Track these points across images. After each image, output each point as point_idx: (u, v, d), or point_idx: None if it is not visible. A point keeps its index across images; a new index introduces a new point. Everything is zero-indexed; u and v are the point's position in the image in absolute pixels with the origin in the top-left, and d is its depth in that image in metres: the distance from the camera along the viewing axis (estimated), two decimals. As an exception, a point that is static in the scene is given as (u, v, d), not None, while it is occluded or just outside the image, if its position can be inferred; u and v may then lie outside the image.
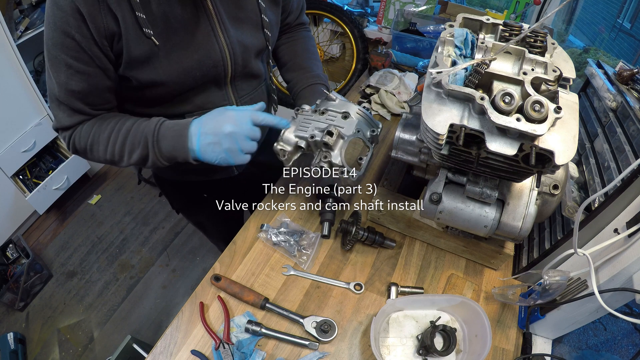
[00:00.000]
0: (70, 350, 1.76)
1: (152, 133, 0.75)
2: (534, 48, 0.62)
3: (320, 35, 2.16)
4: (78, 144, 0.78)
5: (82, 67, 0.69)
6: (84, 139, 0.77)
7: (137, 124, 0.76)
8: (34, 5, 1.90)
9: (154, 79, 0.75)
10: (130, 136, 0.76)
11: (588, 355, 0.84)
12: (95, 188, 2.50)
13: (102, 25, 0.65)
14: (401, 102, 1.35)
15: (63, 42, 0.66)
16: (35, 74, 2.07)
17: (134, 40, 0.69)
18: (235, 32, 0.80)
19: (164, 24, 0.71)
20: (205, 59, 0.78)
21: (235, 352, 0.73)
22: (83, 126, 0.77)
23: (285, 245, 0.90)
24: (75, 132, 0.78)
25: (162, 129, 0.75)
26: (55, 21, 0.64)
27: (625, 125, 0.80)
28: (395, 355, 0.76)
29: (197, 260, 2.12)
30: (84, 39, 0.66)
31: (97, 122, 0.78)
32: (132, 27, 0.67)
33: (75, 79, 0.70)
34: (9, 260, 1.96)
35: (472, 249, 0.90)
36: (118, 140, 0.76)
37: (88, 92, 0.73)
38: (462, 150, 0.59)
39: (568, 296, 0.70)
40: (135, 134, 0.76)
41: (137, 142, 0.75)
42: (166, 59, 0.73)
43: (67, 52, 0.67)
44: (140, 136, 0.75)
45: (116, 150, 0.76)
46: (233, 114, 0.74)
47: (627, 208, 0.64)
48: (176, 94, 0.81)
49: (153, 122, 0.76)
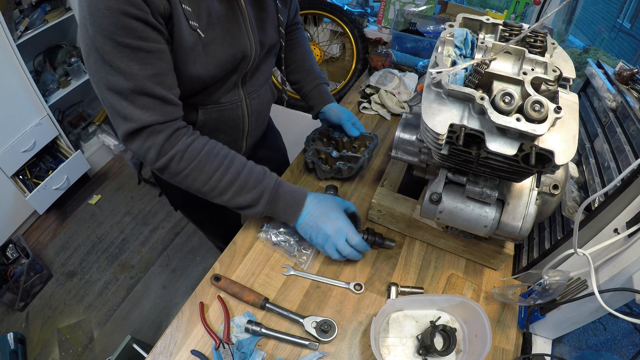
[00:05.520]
0: (70, 350, 1.76)
1: (271, 189, 0.79)
2: (534, 48, 0.62)
3: (320, 35, 2.15)
4: (178, 164, 0.73)
5: (153, 45, 0.65)
6: (188, 161, 0.74)
7: (250, 169, 0.79)
8: (34, 5, 1.90)
9: (192, 72, 0.74)
10: (242, 179, 0.77)
11: (588, 355, 0.84)
12: (95, 188, 2.50)
13: (160, 4, 0.63)
14: (401, 102, 1.35)
15: (125, 25, 0.60)
16: (35, 74, 2.07)
17: (184, 29, 0.68)
18: (258, 32, 0.83)
19: (207, 18, 0.71)
20: (237, 54, 0.79)
21: (235, 352, 0.73)
22: (188, 147, 0.74)
23: (285, 245, 0.90)
24: (179, 152, 0.73)
25: (280, 191, 0.81)
26: (110, 5, 0.58)
27: (625, 125, 0.80)
28: (395, 355, 0.76)
29: (197, 260, 2.12)
30: (146, 15, 0.61)
31: (206, 148, 0.75)
32: (182, 16, 0.67)
33: (150, 60, 0.65)
34: (9, 260, 1.96)
35: (472, 249, 0.90)
36: (226, 176, 0.76)
37: (166, 71, 0.69)
38: (462, 150, 0.59)
39: (568, 296, 0.70)
40: (248, 179, 0.77)
41: (250, 188, 0.78)
42: (205, 52, 0.74)
43: (134, 34, 0.61)
44: (253, 184, 0.78)
45: (221, 185, 0.76)
46: (337, 220, 0.82)
47: (627, 208, 0.64)
48: (203, 89, 0.82)
49: (272, 178, 0.81)
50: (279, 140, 1.37)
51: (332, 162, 1.05)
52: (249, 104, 0.93)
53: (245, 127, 0.96)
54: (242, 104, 0.91)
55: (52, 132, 2.10)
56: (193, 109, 0.85)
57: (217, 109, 0.87)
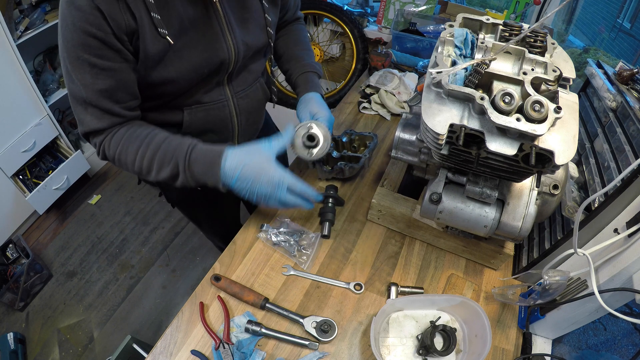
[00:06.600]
0: (70, 350, 1.76)
1: (184, 157, 0.76)
2: (534, 48, 0.62)
3: (320, 35, 2.16)
4: (107, 152, 0.78)
5: (107, 63, 0.68)
6: (113, 147, 0.77)
7: (168, 142, 0.77)
8: (34, 5, 1.90)
9: (165, 77, 0.76)
10: (160, 152, 0.76)
11: (588, 355, 0.84)
12: (95, 188, 2.50)
13: (123, 22, 0.65)
14: (401, 102, 1.35)
15: (84, 42, 0.65)
16: (35, 74, 2.07)
17: (150, 39, 0.69)
18: (240, 32, 0.83)
19: (179, 24, 0.72)
20: (213, 57, 0.80)
21: (235, 352, 0.73)
22: (114, 135, 0.77)
23: (285, 245, 0.90)
24: (106, 140, 0.77)
25: (193, 154, 0.76)
26: (74, 22, 0.63)
27: (625, 125, 0.80)
28: (395, 355, 0.76)
29: (197, 260, 2.12)
30: (106, 35, 0.65)
31: (128, 132, 0.77)
32: (149, 27, 0.68)
33: (102, 77, 0.69)
34: (9, 260, 1.96)
35: (472, 249, 0.90)
36: (147, 154, 0.76)
37: (116, 88, 0.72)
38: (462, 150, 0.59)
39: (568, 296, 0.70)
40: (165, 151, 0.76)
41: (168, 160, 0.76)
42: (177, 57, 0.75)
43: (90, 51, 0.66)
44: (170, 156, 0.76)
45: (144, 164, 0.77)
46: (272, 176, 0.75)
47: (627, 208, 0.64)
48: (183, 91, 0.82)
49: (185, 144, 0.77)
50: None
51: (333, 162, 1.05)
52: (236, 102, 0.92)
53: (234, 126, 0.96)
54: (228, 102, 0.91)
55: (52, 132, 2.10)
56: (178, 110, 0.85)
57: (202, 108, 0.87)
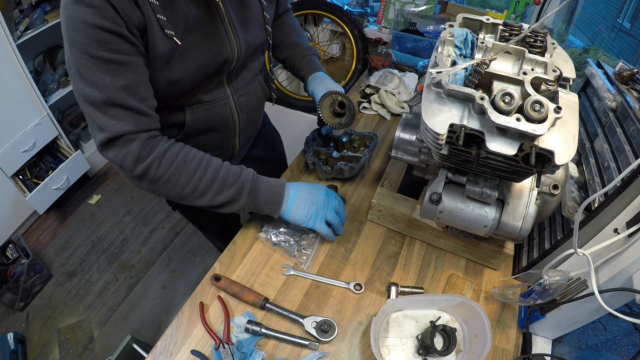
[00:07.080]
0: (70, 350, 1.76)
1: (250, 181, 0.80)
2: (534, 48, 0.62)
3: (320, 35, 2.16)
4: (155, 171, 0.73)
5: (125, 58, 0.66)
6: (165, 166, 0.74)
7: (227, 167, 0.80)
8: (34, 5, 1.90)
9: (170, 78, 0.76)
10: (221, 177, 0.78)
11: (588, 355, 0.84)
12: (95, 188, 2.50)
13: (135, 17, 0.64)
14: (401, 102, 1.35)
15: (99, 38, 0.62)
16: (35, 74, 2.07)
17: (159, 38, 0.69)
18: (242, 31, 0.83)
19: (184, 24, 0.72)
20: (217, 57, 0.80)
21: (235, 352, 0.73)
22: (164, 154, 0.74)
23: (285, 245, 0.90)
24: (156, 159, 0.73)
25: (259, 181, 0.82)
26: (84, 20, 0.61)
27: (625, 125, 0.80)
28: (395, 355, 0.76)
29: (197, 260, 2.12)
30: (120, 28, 0.63)
31: (182, 152, 0.76)
32: (156, 26, 0.68)
33: (121, 72, 0.66)
34: (9, 260, 1.96)
35: (472, 249, 0.90)
36: (205, 177, 0.76)
37: (137, 83, 0.69)
38: (462, 150, 0.59)
39: (568, 296, 0.70)
40: (226, 176, 0.78)
41: (229, 184, 0.78)
42: (183, 58, 0.75)
43: (106, 47, 0.63)
44: (233, 180, 0.79)
45: (200, 186, 0.76)
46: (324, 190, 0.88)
47: (627, 208, 0.64)
48: (186, 92, 0.82)
49: (250, 172, 0.82)
50: (276, 139, 1.36)
51: (333, 162, 1.05)
52: (237, 100, 0.93)
53: (236, 124, 0.96)
54: (229, 101, 0.91)
55: (52, 132, 2.10)
56: (180, 111, 0.85)
57: (203, 107, 0.87)
